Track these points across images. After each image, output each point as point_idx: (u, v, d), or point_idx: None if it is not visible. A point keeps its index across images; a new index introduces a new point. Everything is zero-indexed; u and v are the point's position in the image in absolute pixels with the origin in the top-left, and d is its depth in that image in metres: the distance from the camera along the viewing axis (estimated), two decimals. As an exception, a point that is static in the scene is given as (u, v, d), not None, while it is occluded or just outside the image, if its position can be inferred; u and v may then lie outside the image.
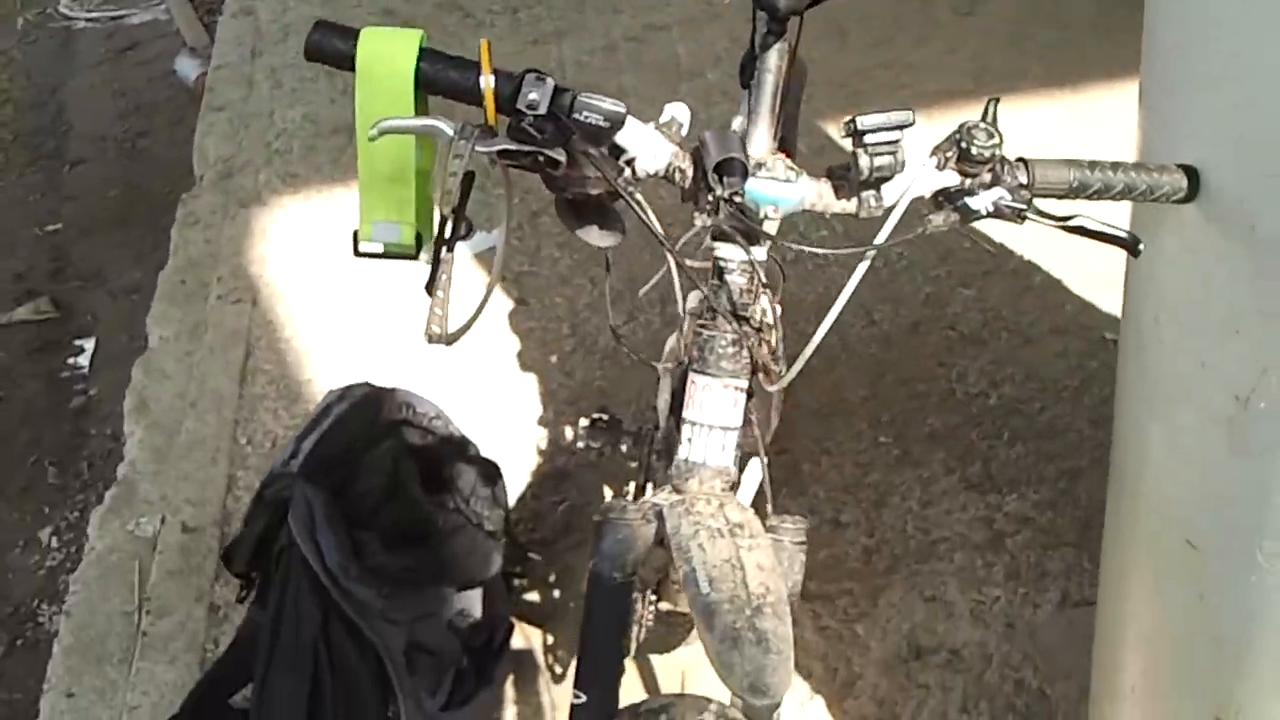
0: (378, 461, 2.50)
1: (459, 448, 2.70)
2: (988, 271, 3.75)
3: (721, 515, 1.60)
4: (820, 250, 1.56)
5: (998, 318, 3.59)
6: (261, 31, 5.57)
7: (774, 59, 2.12)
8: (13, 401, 4.00)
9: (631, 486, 3.13)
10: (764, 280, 1.66)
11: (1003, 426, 3.23)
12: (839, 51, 4.82)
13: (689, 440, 1.66)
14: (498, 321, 3.68)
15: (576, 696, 1.63)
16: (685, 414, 1.66)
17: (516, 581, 2.89)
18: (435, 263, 1.55)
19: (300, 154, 4.60)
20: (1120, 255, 1.67)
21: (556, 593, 2.94)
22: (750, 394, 1.68)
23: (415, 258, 1.61)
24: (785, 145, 2.09)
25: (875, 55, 4.92)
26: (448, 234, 1.52)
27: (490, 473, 2.69)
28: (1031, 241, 3.77)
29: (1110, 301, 3.56)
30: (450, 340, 1.56)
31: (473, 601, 2.59)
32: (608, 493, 3.15)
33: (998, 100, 1.58)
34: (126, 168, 5.18)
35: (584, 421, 2.61)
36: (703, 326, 1.67)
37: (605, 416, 2.58)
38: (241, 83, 5.13)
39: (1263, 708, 1.72)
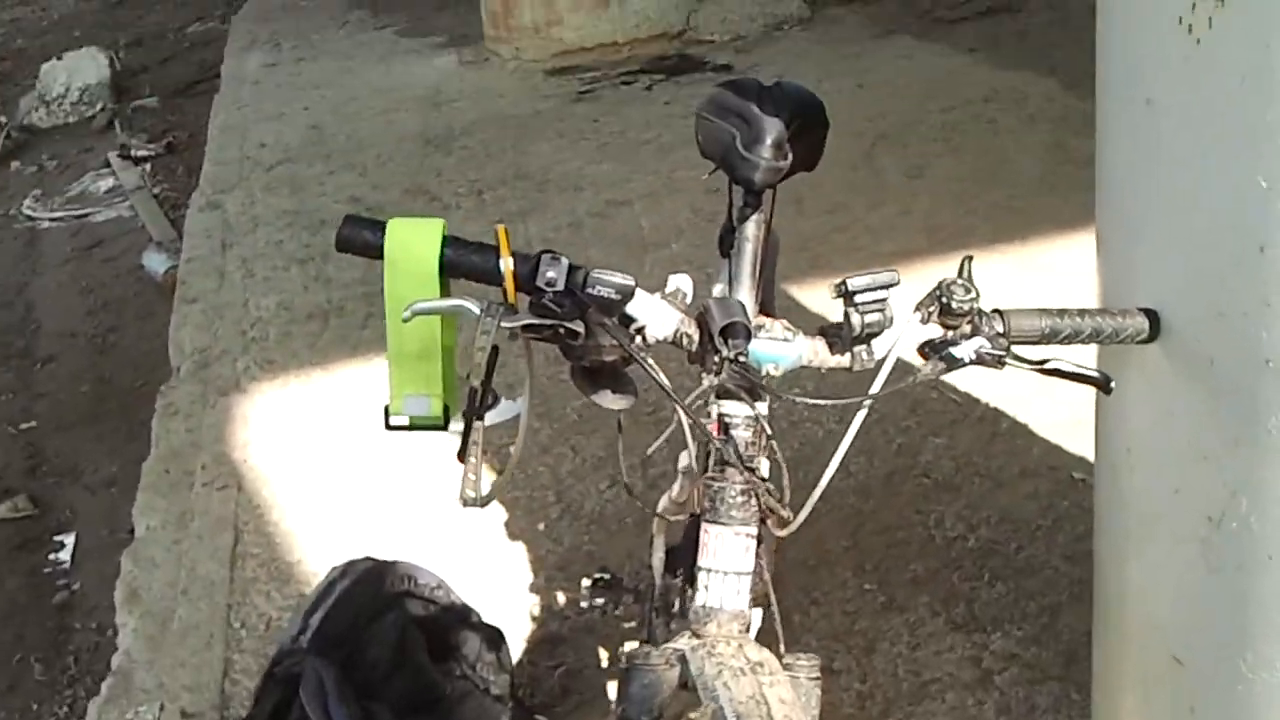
0: (384, 632, 2.59)
1: (462, 615, 2.79)
2: (955, 420, 3.90)
3: (742, 655, 1.70)
4: (822, 401, 1.69)
5: (969, 463, 3.72)
6: (230, 224, 5.73)
7: (752, 229, 2.27)
8: (-6, 599, 4.02)
9: (627, 646, 3.21)
10: (770, 433, 1.78)
11: (982, 567, 3.34)
12: (796, 218, 5.00)
13: (705, 587, 1.76)
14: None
15: (614, 835, 1.72)
16: (700, 562, 1.77)
17: (528, 744, 2.95)
18: (466, 432, 1.67)
19: (276, 340, 4.72)
20: (1083, 398, 1.80)
21: (558, 756, 3.00)
22: (759, 540, 1.79)
23: (444, 429, 1.73)
24: (765, 309, 2.21)
25: (831, 220, 5.12)
26: (477, 404, 1.65)
27: (494, 638, 2.77)
28: (996, 389, 3.92)
29: (1075, 443, 3.69)
30: (484, 503, 1.68)
31: (482, 767, 2.66)
32: (603, 655, 3.23)
33: (971, 258, 1.72)
34: (97, 362, 5.28)
35: (586, 581, 2.70)
36: (712, 479, 1.78)
37: (606, 576, 2.68)
38: (213, 274, 5.27)
39: (1256, 813, 1.82)
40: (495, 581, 3.40)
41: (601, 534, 3.61)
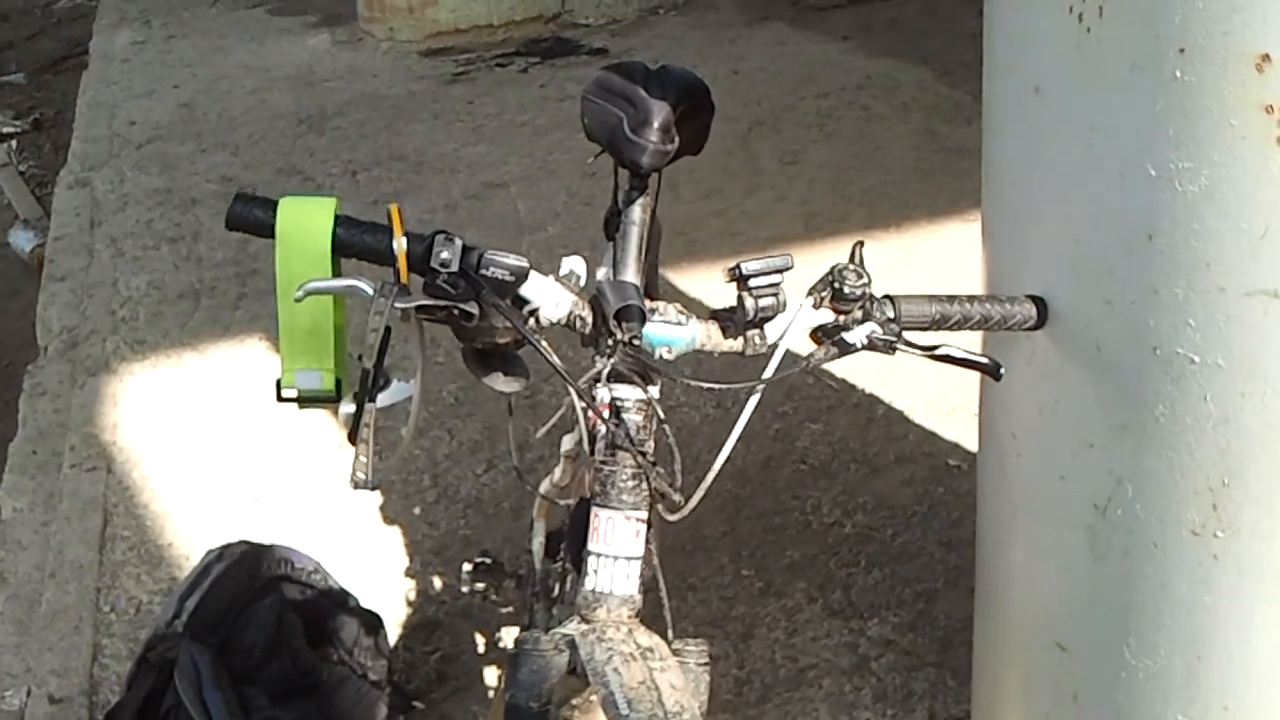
0: (261, 617, 2.55)
1: (339, 600, 2.75)
2: (832, 406, 3.91)
3: (632, 641, 1.69)
4: (714, 385, 1.68)
5: (845, 449, 3.74)
6: (99, 202, 5.61)
7: (637, 213, 2.25)
8: None
9: (504, 632, 3.19)
10: (662, 416, 1.77)
11: (859, 554, 3.36)
12: (672, 203, 4.94)
13: (595, 571, 1.75)
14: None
15: (500, 823, 1.70)
16: (590, 546, 1.75)
17: (407, 730, 2.92)
18: (358, 414, 1.64)
19: (147, 320, 4.62)
20: (958, 386, 1.81)
21: (436, 742, 2.97)
22: (649, 525, 1.78)
23: (336, 402, 1.70)
24: (650, 292, 2.20)
25: (707, 205, 5.12)
26: (369, 386, 1.62)
27: (372, 623, 2.74)
28: (872, 376, 3.95)
29: (951, 430, 3.74)
30: (375, 485, 1.65)
31: (357, 754, 2.63)
32: (480, 641, 3.20)
33: (862, 244, 1.72)
34: (-39, 343, 5.15)
35: (467, 565, 2.68)
36: (603, 463, 1.77)
37: (487, 560, 2.66)
38: (82, 252, 5.15)
39: (1136, 797, 1.85)
40: (370, 566, 3.36)
41: (478, 518, 3.58)
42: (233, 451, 3.89)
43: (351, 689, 2.58)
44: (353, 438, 1.66)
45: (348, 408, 1.68)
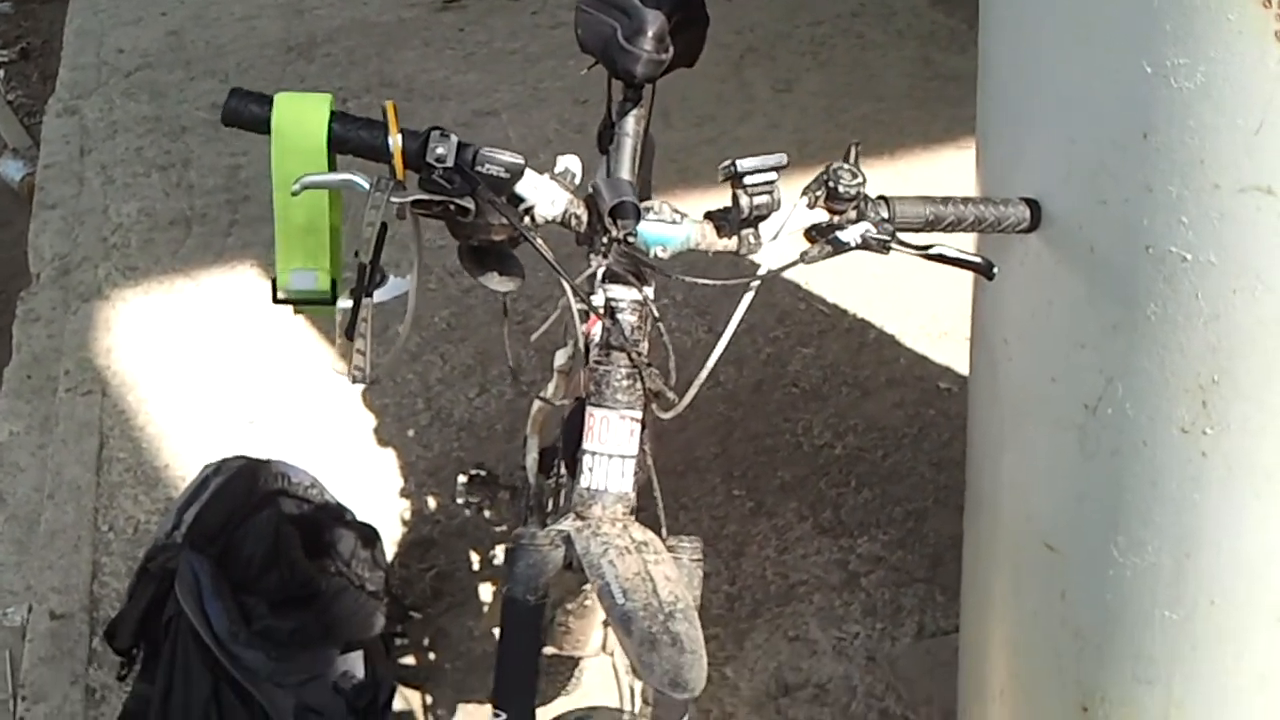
0: (259, 528, 2.57)
1: (336, 513, 2.78)
2: (824, 330, 3.93)
3: (627, 535, 1.70)
4: (710, 281, 1.68)
5: (836, 373, 3.76)
6: (89, 129, 5.59)
7: (631, 124, 2.26)
8: None
9: (498, 550, 3.22)
10: (656, 316, 1.78)
11: (849, 474, 3.39)
12: (664, 130, 4.98)
13: (590, 470, 1.76)
14: (353, 399, 3.75)
15: (496, 714, 1.71)
16: (585, 445, 1.76)
17: (398, 641, 2.94)
18: (355, 309, 1.65)
19: (139, 247, 4.62)
20: (950, 310, 1.81)
21: (432, 655, 2.99)
22: (644, 425, 1.79)
23: (332, 303, 1.71)
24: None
25: (699, 132, 5.11)
26: (366, 281, 1.63)
27: (368, 536, 2.77)
28: (864, 301, 3.97)
29: (941, 354, 3.76)
30: (373, 380, 1.66)
31: (356, 664, 2.64)
32: (474, 558, 3.23)
33: (858, 144, 1.73)
34: (-47, 271, 5.14)
35: (462, 478, 2.70)
36: (598, 363, 1.78)
37: (482, 473, 2.67)
38: (72, 180, 5.14)
39: (1125, 694, 1.87)
40: (366, 487, 3.38)
41: (471, 440, 3.60)
42: (227, 375, 3.91)
43: (349, 599, 2.60)
44: (350, 333, 1.68)
45: (345, 303, 1.69)
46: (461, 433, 3.63)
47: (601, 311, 1.75)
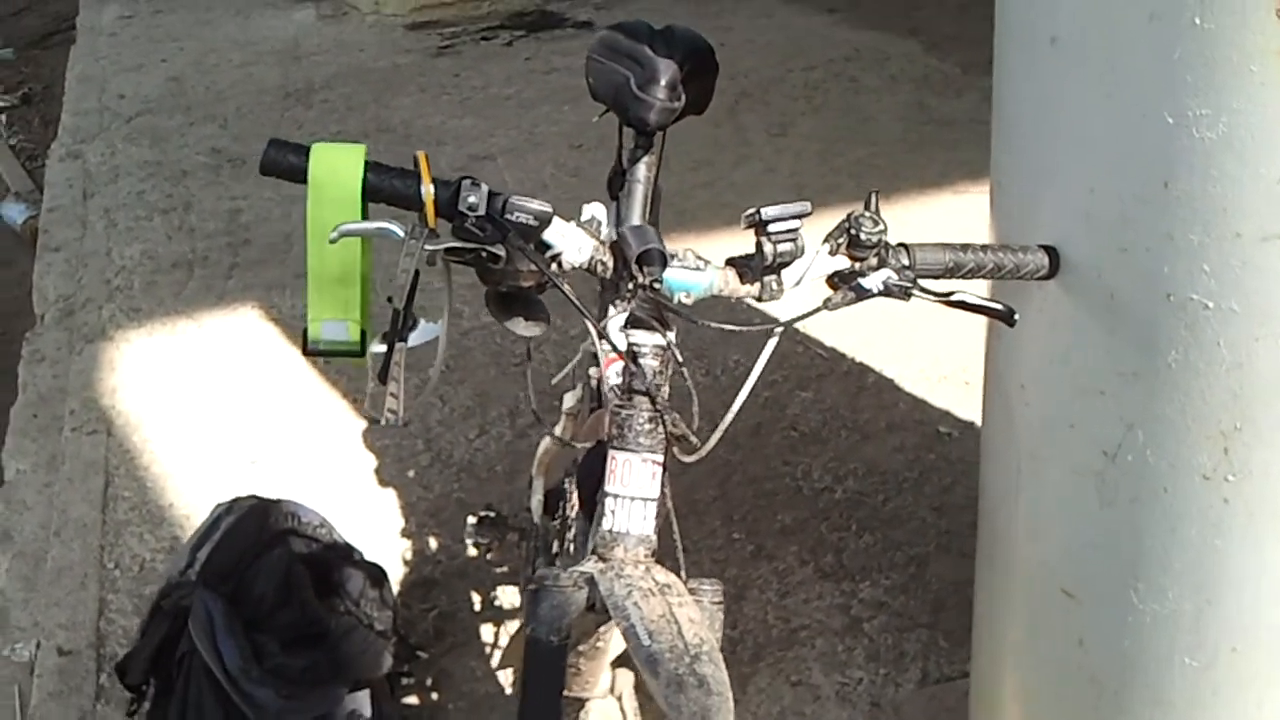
0: (270, 567, 2.58)
1: (345, 553, 2.78)
2: (822, 374, 3.94)
3: (650, 577, 1.71)
4: (736, 328, 1.69)
5: (836, 417, 3.77)
6: (91, 174, 5.64)
7: (643, 171, 2.30)
8: None
9: (499, 591, 3.21)
10: (680, 360, 1.78)
11: (850, 518, 3.39)
12: (662, 174, 5.00)
13: (612, 512, 1.76)
14: (354, 439, 3.76)
15: (523, 757, 1.72)
16: (607, 487, 1.77)
17: (404, 680, 2.93)
18: (388, 354, 1.67)
19: (142, 289, 4.65)
20: (949, 354, 1.82)
21: (435, 695, 2.98)
22: (665, 468, 1.80)
23: (361, 355, 1.72)
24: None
25: (696, 176, 5.15)
26: (400, 326, 1.65)
27: (376, 576, 2.77)
28: (863, 344, 3.98)
29: (941, 398, 3.77)
30: (404, 422, 1.68)
31: (363, 702, 2.63)
32: (476, 599, 3.22)
33: (878, 193, 1.74)
34: (-45, 309, 5.15)
35: (471, 519, 2.71)
36: (620, 407, 1.78)
37: (491, 514, 2.68)
38: (76, 223, 5.18)
39: (1140, 741, 1.88)
40: (367, 526, 3.37)
41: (472, 481, 3.60)
42: (229, 415, 3.92)
43: (358, 638, 2.60)
44: (383, 376, 1.70)
45: (379, 348, 1.71)
46: (462, 474, 3.63)
47: (623, 355, 1.76)
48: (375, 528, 3.40)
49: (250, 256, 4.83)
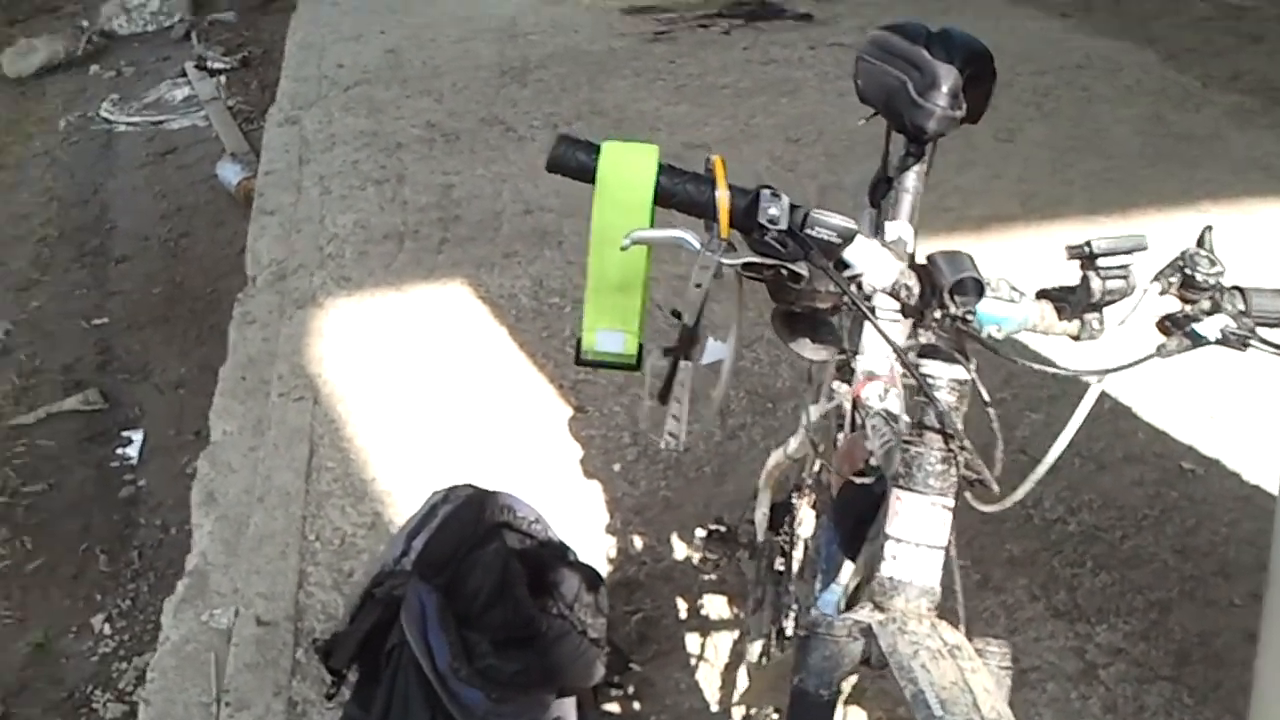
0: (487, 562, 2.51)
1: (559, 552, 2.70)
2: (1053, 395, 3.76)
3: (937, 635, 1.57)
4: (1057, 369, 1.56)
5: (1069, 443, 3.57)
6: (308, 140, 5.68)
7: (912, 180, 2.16)
8: (63, 488, 3.96)
9: (706, 599, 3.09)
10: (987, 399, 1.65)
11: (1084, 554, 3.20)
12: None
13: (894, 557, 1.63)
14: (559, 426, 3.68)
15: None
16: (889, 529, 1.63)
17: (614, 691, 2.83)
18: (672, 372, 1.55)
19: (353, 258, 4.64)
20: (1190, 385, 1.66)
21: (637, 705, 2.87)
22: (954, 514, 1.66)
23: (636, 368, 1.61)
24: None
25: (918, 178, 4.97)
26: (689, 344, 1.53)
27: (592, 579, 2.67)
28: (1097, 367, 3.78)
29: (1183, 432, 3.56)
30: (686, 447, 1.56)
31: (569, 710, 2.57)
32: (682, 605, 3.10)
33: (1211, 229, 1.58)
34: (169, 266, 5.24)
35: (701, 532, 2.60)
36: (909, 443, 1.65)
37: (721, 529, 2.56)
38: (291, 188, 5.21)
39: None
40: (569, 521, 3.27)
41: (679, 480, 3.47)
42: (432, 393, 3.87)
43: (571, 644, 2.52)
44: (664, 397, 1.58)
45: (658, 362, 1.59)
46: (669, 471, 3.51)
47: (925, 387, 1.62)
48: (578, 522, 3.30)
49: (460, 233, 4.79)
